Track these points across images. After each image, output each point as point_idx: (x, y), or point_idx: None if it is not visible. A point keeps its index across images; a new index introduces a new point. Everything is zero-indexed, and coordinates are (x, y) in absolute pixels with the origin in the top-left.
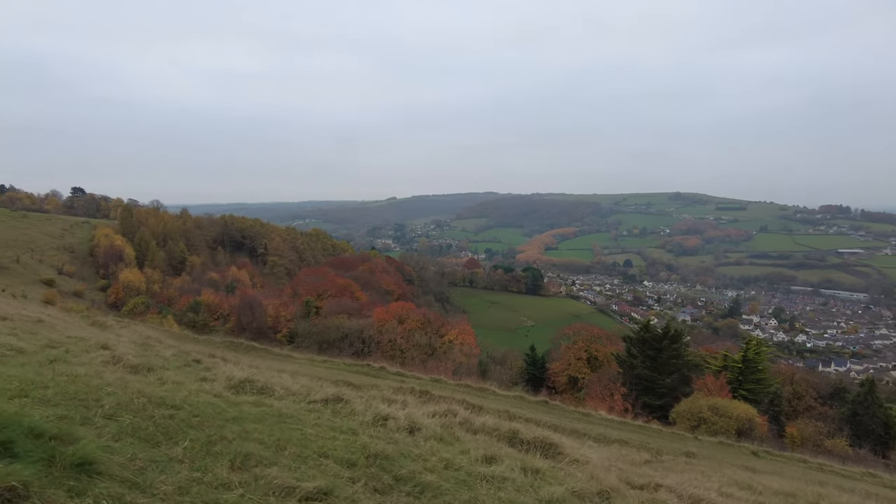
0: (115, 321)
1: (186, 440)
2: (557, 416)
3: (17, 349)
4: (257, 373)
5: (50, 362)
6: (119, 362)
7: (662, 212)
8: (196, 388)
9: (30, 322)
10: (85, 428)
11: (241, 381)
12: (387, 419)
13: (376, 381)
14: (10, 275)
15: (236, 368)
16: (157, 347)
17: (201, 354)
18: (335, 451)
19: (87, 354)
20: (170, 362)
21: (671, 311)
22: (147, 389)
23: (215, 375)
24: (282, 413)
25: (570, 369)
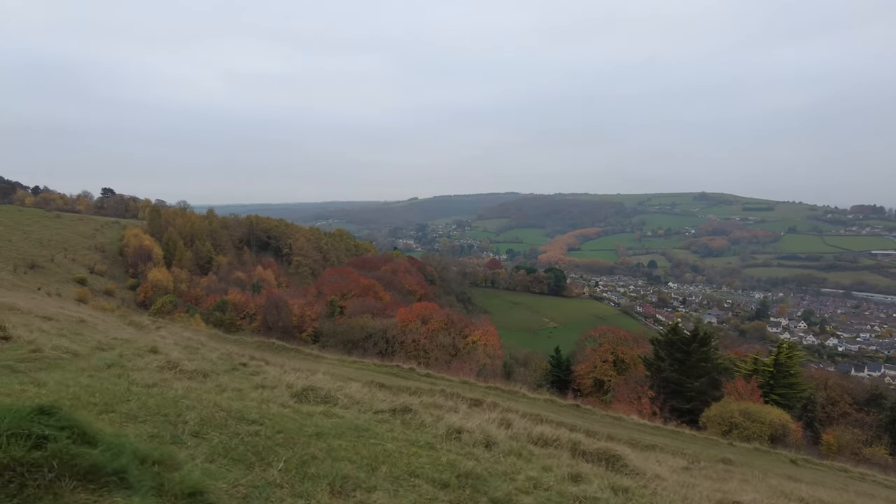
0: (149, 321)
1: (280, 461)
2: (589, 421)
3: (72, 352)
4: (318, 380)
5: (107, 367)
6: (174, 368)
7: (687, 212)
8: (258, 395)
9: (73, 322)
10: (178, 448)
11: (304, 389)
12: (460, 432)
13: (406, 383)
14: (45, 273)
15: (293, 375)
16: (200, 350)
17: (241, 356)
18: (423, 469)
19: (140, 359)
20: (218, 366)
21: (697, 313)
22: (223, 402)
23: (273, 382)
24: (357, 426)
25: (595, 372)
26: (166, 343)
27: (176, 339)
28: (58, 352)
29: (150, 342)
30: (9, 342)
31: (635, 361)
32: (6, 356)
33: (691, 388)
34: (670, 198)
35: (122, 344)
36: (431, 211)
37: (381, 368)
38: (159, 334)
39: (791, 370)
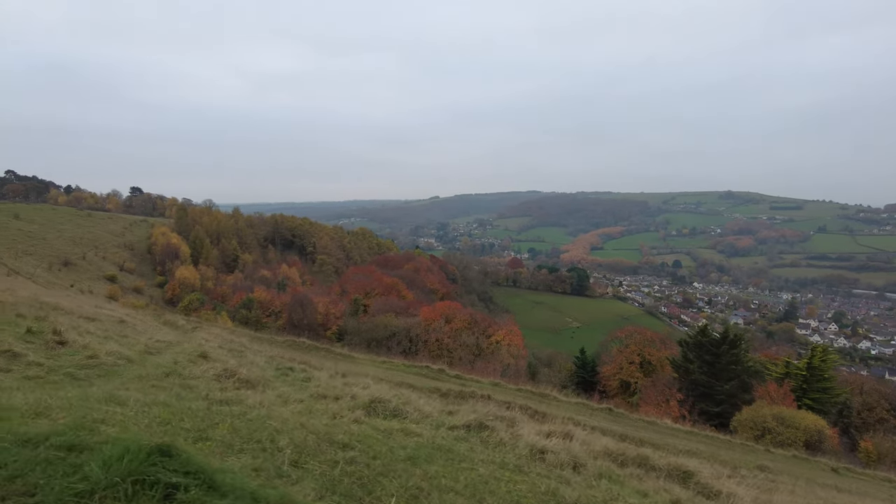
0: (184, 321)
1: (390, 497)
2: (622, 425)
3: (126, 357)
4: (381, 391)
5: (166, 375)
6: (231, 376)
7: (713, 211)
8: (325, 409)
9: (114, 322)
10: (284, 482)
11: (371, 401)
12: (543, 452)
13: (437, 384)
14: (77, 271)
15: (340, 380)
16: (245, 353)
17: (282, 358)
18: (527, 500)
19: (194, 365)
20: (267, 371)
21: (722, 314)
22: (307, 421)
23: (332, 391)
24: (440, 446)
25: (621, 373)
26: (211, 346)
27: (219, 342)
28: (112, 357)
29: (197, 346)
30: (65, 347)
31: (662, 363)
32: (65, 362)
33: (721, 391)
34: (695, 196)
35: (167, 347)
36: (452, 210)
37: (411, 369)
38: (200, 336)
39: (825, 374)
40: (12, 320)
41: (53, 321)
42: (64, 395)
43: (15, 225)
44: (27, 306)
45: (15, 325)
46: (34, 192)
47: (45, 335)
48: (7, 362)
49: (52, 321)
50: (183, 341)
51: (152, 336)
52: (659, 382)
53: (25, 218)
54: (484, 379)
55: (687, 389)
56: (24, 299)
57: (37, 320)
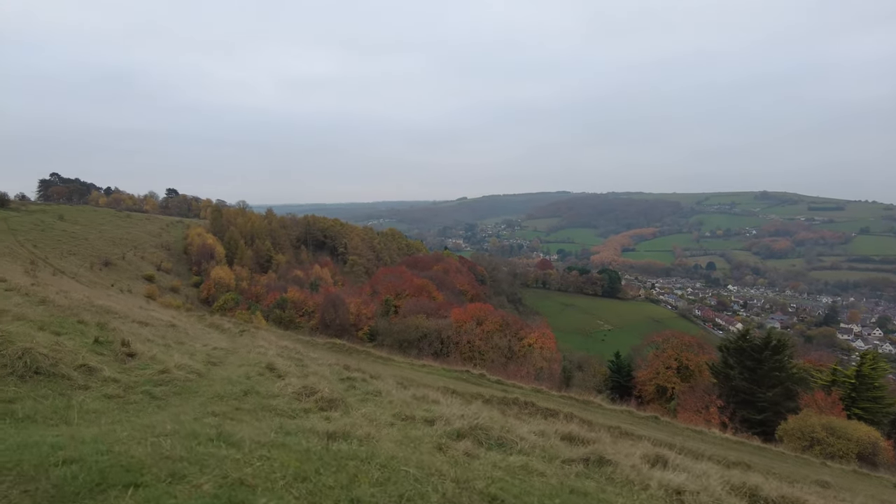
0: (229, 324)
1: None
2: (670, 434)
3: (195, 371)
4: (477, 415)
5: (244, 394)
6: (311, 394)
7: (748, 212)
8: (420, 435)
9: (165, 326)
10: None
11: (470, 428)
12: (680, 493)
13: (480, 390)
14: (117, 270)
15: (408, 391)
16: (305, 362)
17: (338, 366)
18: None
19: (266, 380)
20: (334, 384)
21: (758, 318)
22: (428, 461)
23: (422, 413)
24: (577, 490)
25: (658, 378)
26: (270, 354)
27: (276, 350)
28: (183, 371)
29: (258, 355)
30: (134, 359)
31: (700, 368)
32: (139, 378)
33: (763, 398)
34: (729, 197)
35: (226, 355)
36: (480, 210)
37: (451, 373)
38: (252, 342)
39: (875, 382)
40: (76, 327)
41: (116, 328)
42: (159, 426)
43: (60, 226)
44: (84, 310)
45: (81, 334)
46: (77, 194)
47: (114, 345)
48: (85, 378)
49: (115, 329)
50: (238, 348)
51: (207, 342)
52: (697, 388)
53: (69, 219)
54: (525, 384)
55: (727, 396)
56: (78, 302)
57: (100, 328)
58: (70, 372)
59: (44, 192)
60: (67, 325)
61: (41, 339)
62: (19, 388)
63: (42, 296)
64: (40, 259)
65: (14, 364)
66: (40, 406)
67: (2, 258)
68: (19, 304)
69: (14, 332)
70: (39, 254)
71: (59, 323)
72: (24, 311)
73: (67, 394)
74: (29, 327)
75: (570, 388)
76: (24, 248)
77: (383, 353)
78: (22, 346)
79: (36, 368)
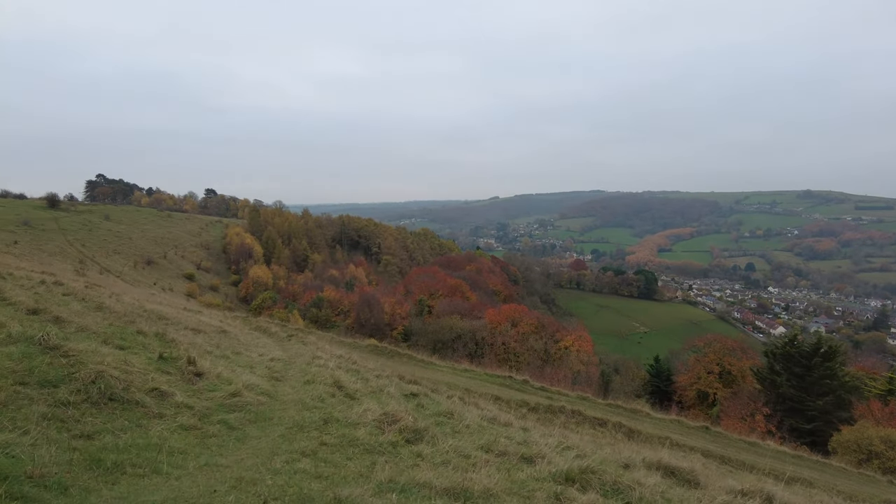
0: (277, 327)
1: None
2: (722, 446)
3: (265, 392)
4: (583, 449)
5: (324, 422)
6: (394, 422)
7: (790, 211)
8: (524, 477)
9: (217, 333)
10: None
11: (580, 471)
12: None
13: (525, 397)
14: (158, 269)
15: (481, 408)
16: (364, 375)
17: (392, 376)
18: None
19: (339, 402)
20: (401, 401)
21: (801, 321)
22: None
23: (522, 449)
24: None
25: (699, 383)
26: (330, 366)
27: (335, 362)
28: (252, 393)
29: (320, 368)
30: (202, 378)
31: (744, 374)
32: (210, 402)
33: (813, 407)
34: (770, 196)
35: (285, 367)
36: (513, 210)
37: (495, 379)
38: (307, 350)
39: None
40: (137, 339)
41: (175, 340)
42: (258, 480)
43: (105, 226)
44: (139, 316)
45: (144, 348)
46: (120, 195)
47: (179, 363)
48: (158, 403)
49: (174, 341)
50: (293, 358)
51: (262, 352)
52: (742, 395)
53: (114, 219)
54: (570, 391)
55: (774, 403)
56: (131, 307)
57: (160, 340)
58: (143, 397)
59: (90, 193)
60: (128, 337)
61: (109, 358)
62: (95, 417)
63: (98, 301)
64: (88, 258)
65: (88, 389)
66: (120, 442)
67: (53, 257)
68: (79, 312)
69: (83, 350)
70: (87, 253)
71: (121, 334)
72: (84, 320)
73: (144, 424)
74: (93, 341)
75: (610, 392)
76: (73, 248)
77: (424, 357)
78: (95, 369)
79: (110, 395)
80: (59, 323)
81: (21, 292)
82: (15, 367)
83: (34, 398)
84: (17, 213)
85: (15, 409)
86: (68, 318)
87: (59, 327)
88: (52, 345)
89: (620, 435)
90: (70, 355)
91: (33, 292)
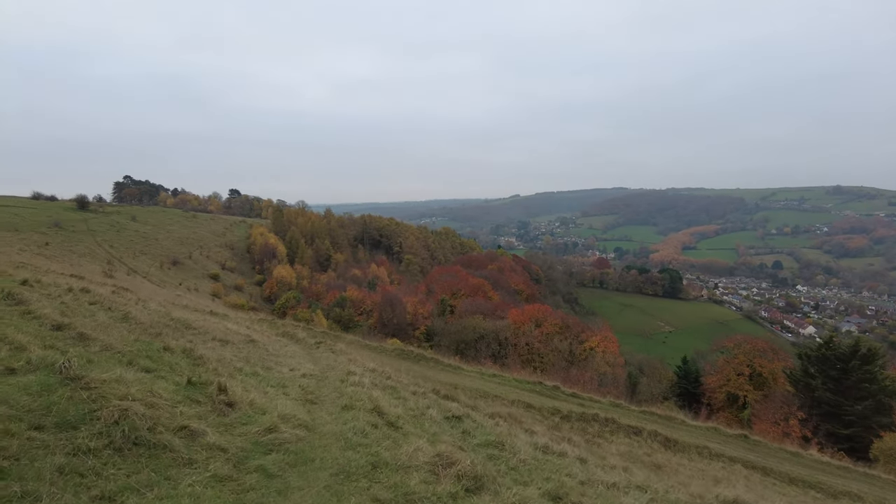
0: (304, 332)
1: None
2: (763, 455)
3: (302, 424)
4: (656, 492)
5: (372, 468)
6: (450, 465)
7: (819, 208)
8: None
9: (245, 343)
10: None
11: None
12: None
13: (556, 404)
14: (184, 269)
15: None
16: (400, 392)
17: (428, 392)
18: None
19: (392, 444)
20: (443, 426)
21: (832, 321)
22: None
23: (597, 492)
24: None
25: (728, 385)
26: (365, 384)
27: (370, 377)
28: (289, 426)
29: (356, 387)
30: (234, 410)
31: (775, 376)
32: (243, 440)
33: (851, 411)
34: (798, 192)
35: (317, 385)
36: (534, 208)
37: (524, 385)
38: (338, 361)
39: None
40: (163, 358)
41: (203, 358)
42: None
43: (133, 226)
44: (165, 327)
45: (171, 369)
46: (147, 196)
47: (209, 389)
48: (187, 446)
49: (202, 358)
50: (326, 371)
51: (294, 366)
52: (774, 398)
53: (141, 220)
54: (602, 398)
55: (808, 407)
56: (156, 315)
57: (187, 357)
58: (171, 439)
59: (118, 194)
60: (155, 356)
61: (134, 389)
62: (118, 468)
63: (124, 310)
64: (116, 259)
65: (111, 432)
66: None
67: (83, 258)
68: (104, 324)
69: (107, 381)
70: (115, 254)
71: (146, 352)
72: (109, 337)
73: (172, 476)
74: (118, 363)
75: (637, 394)
76: (101, 249)
77: (450, 361)
78: (118, 406)
79: (135, 438)
80: (83, 341)
81: (47, 303)
82: (32, 403)
83: (51, 446)
84: (49, 215)
85: (28, 463)
86: (93, 334)
87: (83, 346)
88: (74, 375)
89: (657, 444)
90: (92, 387)
91: (59, 302)
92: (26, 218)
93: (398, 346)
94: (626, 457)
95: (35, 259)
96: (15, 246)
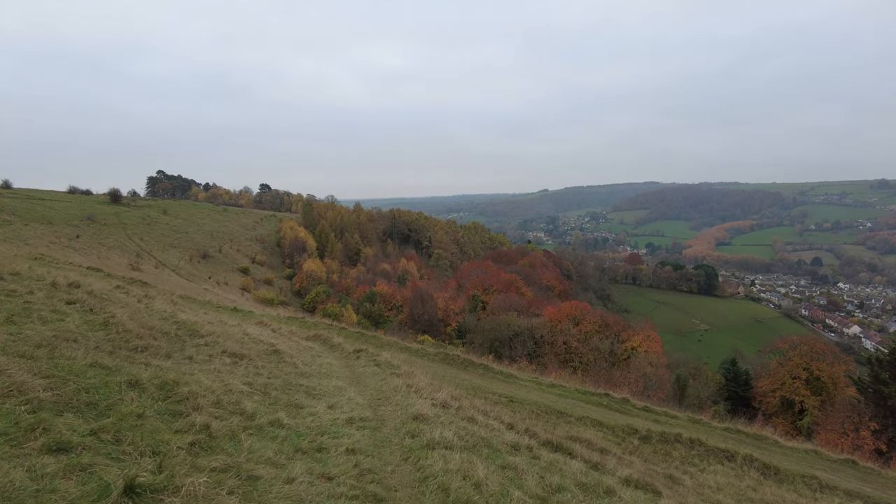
0: (340, 336)
1: None
2: (881, 488)
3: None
4: None
5: None
6: None
7: (861, 202)
8: None
9: (267, 355)
10: None
11: None
12: None
13: (629, 421)
14: (214, 263)
15: None
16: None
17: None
18: None
19: None
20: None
21: (878, 320)
22: None
23: None
24: None
25: (782, 389)
26: (450, 440)
27: (457, 431)
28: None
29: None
30: None
31: (835, 381)
32: None
33: None
34: (839, 186)
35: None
36: (563, 203)
37: (590, 398)
38: (392, 387)
39: None
40: (112, 407)
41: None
42: None
43: (163, 220)
44: (159, 333)
45: (113, 438)
46: (179, 190)
47: None
48: None
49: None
50: (382, 408)
51: (333, 401)
52: (840, 406)
53: (172, 213)
54: (679, 412)
55: (882, 417)
56: (156, 316)
57: (161, 400)
58: None
59: (151, 189)
60: (98, 403)
61: None
62: None
63: (109, 313)
64: (145, 252)
65: None
66: None
67: (112, 251)
68: (62, 335)
69: None
70: (145, 247)
71: (86, 398)
72: (40, 364)
73: None
74: None
75: (686, 398)
76: (131, 241)
77: (504, 369)
78: None
79: None
80: None
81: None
82: None
83: None
84: (83, 209)
85: None
86: (8, 363)
87: None
88: None
89: (754, 472)
90: None
91: (22, 301)
92: (60, 211)
93: (441, 350)
94: (733, 495)
95: (61, 251)
96: (45, 238)
